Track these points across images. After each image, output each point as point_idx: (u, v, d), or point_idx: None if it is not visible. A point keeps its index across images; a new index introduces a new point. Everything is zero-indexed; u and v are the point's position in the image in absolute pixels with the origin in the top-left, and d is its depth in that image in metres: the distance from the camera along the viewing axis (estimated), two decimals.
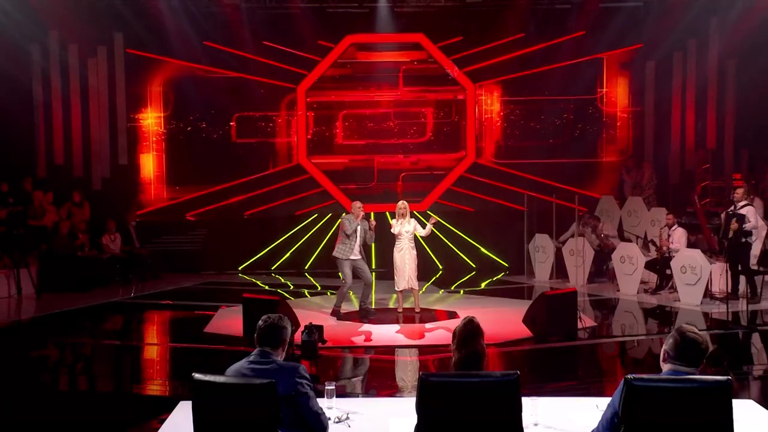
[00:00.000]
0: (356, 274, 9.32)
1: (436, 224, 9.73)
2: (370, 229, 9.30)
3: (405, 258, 9.53)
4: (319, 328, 6.22)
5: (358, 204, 9.42)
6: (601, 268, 12.38)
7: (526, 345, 8.10)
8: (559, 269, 12.44)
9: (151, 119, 14.24)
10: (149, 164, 14.26)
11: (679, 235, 11.02)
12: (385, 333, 8.64)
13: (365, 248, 9.58)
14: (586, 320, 8.83)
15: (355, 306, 9.79)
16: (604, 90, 14.49)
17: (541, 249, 12.66)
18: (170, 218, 14.13)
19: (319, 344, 6.19)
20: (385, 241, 10.59)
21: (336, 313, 9.34)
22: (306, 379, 3.59)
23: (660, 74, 14.33)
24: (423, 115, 14.56)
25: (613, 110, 14.54)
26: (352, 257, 9.26)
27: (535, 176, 14.04)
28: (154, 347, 8.55)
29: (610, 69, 14.45)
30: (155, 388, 6.84)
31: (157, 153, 14.30)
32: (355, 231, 9.22)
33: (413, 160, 14.51)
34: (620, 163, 14.44)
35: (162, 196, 14.29)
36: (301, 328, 6.19)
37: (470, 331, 3.64)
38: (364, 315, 9.37)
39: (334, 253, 9.36)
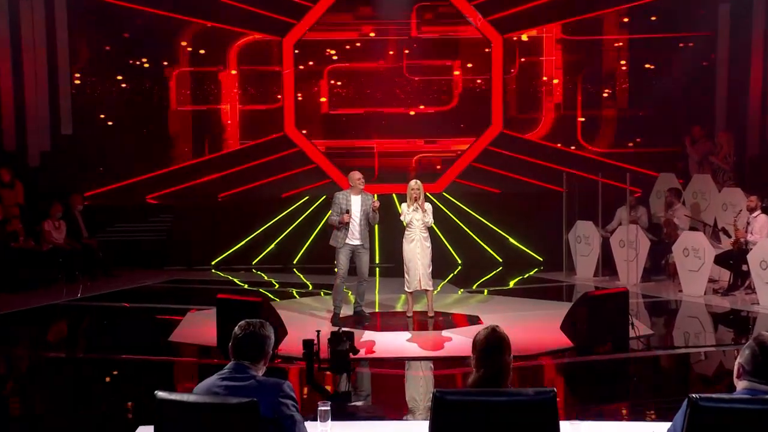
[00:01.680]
0: (353, 264, 9.38)
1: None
2: (373, 210, 9.29)
3: (416, 251, 9.54)
4: (350, 336, 6.25)
5: (357, 175, 9.44)
6: (659, 263, 12.36)
7: (565, 357, 8.13)
8: (607, 264, 12.43)
9: (102, 78, 14.21)
10: (100, 134, 14.22)
11: (761, 223, 10.93)
12: (392, 342, 8.67)
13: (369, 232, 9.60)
14: (640, 327, 8.83)
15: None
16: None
17: (584, 239, 12.63)
18: (126, 202, 14.14)
19: (351, 355, 6.24)
20: (392, 230, 10.58)
21: (334, 318, 9.37)
22: (291, 399, 3.61)
23: (736, 18, 14.18)
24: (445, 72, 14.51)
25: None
26: (350, 242, 9.31)
27: (576, 150, 13.99)
28: (107, 360, 8.56)
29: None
30: (109, 409, 6.83)
31: (109, 121, 14.28)
32: (349, 209, 9.21)
33: (429, 140, 14.46)
34: (679, 129, 14.30)
35: (116, 174, 14.27)
36: (327, 336, 6.25)
37: (493, 342, 3.62)
38: (357, 320, 9.41)
39: (330, 242, 9.48)
